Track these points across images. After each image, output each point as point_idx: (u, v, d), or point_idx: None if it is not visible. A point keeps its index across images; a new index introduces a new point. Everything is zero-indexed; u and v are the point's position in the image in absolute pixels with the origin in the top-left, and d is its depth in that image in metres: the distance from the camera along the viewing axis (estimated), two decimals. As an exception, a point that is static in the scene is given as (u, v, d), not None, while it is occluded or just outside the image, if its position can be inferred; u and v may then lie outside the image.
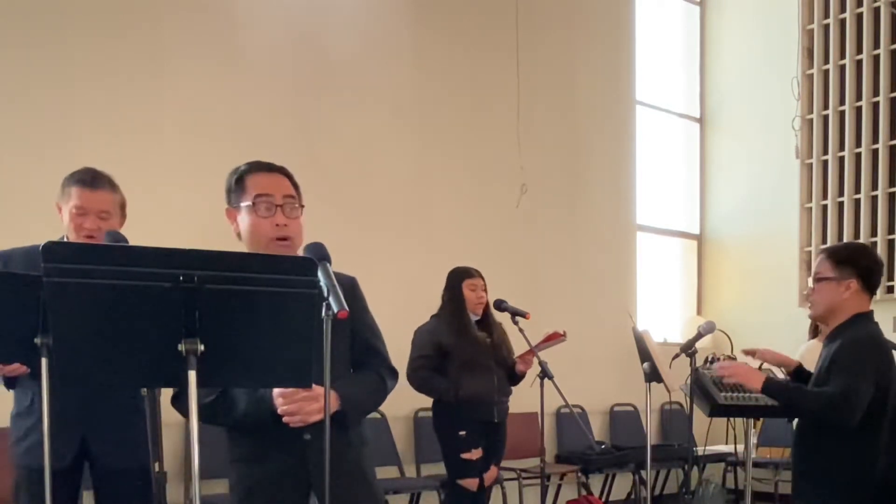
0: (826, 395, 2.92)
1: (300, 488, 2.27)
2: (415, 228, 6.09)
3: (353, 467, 2.33)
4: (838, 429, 2.93)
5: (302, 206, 2.31)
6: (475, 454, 4.52)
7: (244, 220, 2.28)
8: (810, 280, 3.17)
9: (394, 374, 2.51)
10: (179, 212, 4.83)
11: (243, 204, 2.27)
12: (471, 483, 4.55)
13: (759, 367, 3.88)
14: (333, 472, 2.10)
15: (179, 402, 2.18)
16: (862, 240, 7.18)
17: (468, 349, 4.54)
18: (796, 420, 3.39)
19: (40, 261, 1.72)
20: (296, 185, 2.34)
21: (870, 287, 3.10)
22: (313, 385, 2.10)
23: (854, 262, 3.08)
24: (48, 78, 4.57)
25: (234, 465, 2.30)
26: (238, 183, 2.29)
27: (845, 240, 7.23)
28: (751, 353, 3.51)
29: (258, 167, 2.31)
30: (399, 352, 4.49)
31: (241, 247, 2.31)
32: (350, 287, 2.35)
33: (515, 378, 4.74)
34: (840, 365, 2.95)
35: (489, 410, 4.60)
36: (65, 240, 2.84)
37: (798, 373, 3.45)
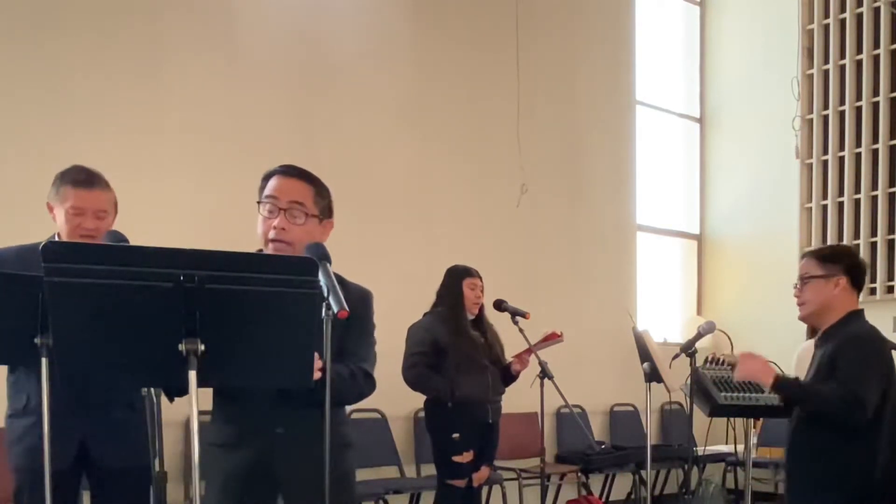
0: (839, 394, 2.86)
1: (268, 483, 2.27)
2: (415, 228, 6.09)
3: (328, 465, 2.20)
4: (836, 430, 2.90)
5: (311, 215, 2.31)
6: (467, 457, 4.48)
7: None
8: (796, 282, 3.14)
9: (371, 382, 2.41)
10: (179, 211, 4.82)
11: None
12: (459, 482, 4.53)
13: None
14: (304, 470, 2.14)
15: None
16: (862, 240, 7.19)
17: (465, 347, 4.50)
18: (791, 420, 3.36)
19: (37, 260, 1.71)
20: (321, 195, 2.35)
21: (856, 286, 3.09)
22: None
23: (840, 259, 3.08)
24: (46, 76, 4.56)
25: (209, 449, 2.28)
26: (262, 182, 2.34)
27: (845, 240, 7.23)
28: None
29: (280, 170, 2.33)
30: (397, 350, 4.50)
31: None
32: (361, 298, 2.37)
33: (509, 378, 4.70)
34: (847, 361, 2.91)
35: (484, 411, 4.56)
36: (57, 239, 2.83)
37: None
